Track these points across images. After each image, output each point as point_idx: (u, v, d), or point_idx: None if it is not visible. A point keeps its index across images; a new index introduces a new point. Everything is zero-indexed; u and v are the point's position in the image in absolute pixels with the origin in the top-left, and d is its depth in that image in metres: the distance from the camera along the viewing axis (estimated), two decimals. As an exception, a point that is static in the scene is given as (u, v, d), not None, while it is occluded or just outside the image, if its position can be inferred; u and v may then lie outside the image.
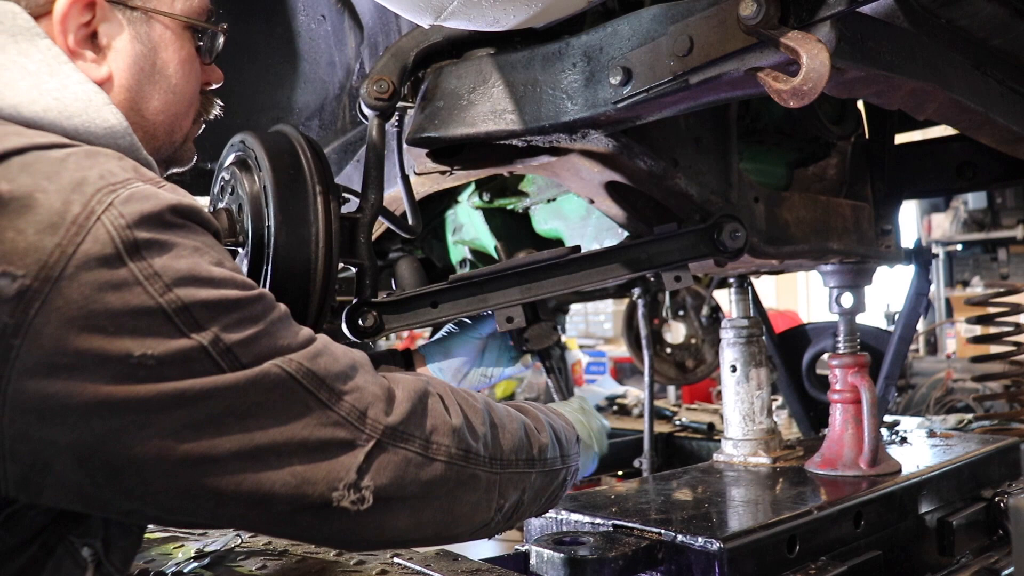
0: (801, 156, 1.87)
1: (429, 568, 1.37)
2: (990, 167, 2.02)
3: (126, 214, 0.75)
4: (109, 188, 0.76)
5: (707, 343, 3.54)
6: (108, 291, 0.72)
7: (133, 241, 0.74)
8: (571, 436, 1.17)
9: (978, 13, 1.29)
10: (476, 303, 1.34)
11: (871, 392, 1.72)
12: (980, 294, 3.16)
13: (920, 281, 2.25)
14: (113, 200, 0.75)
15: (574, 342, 7.18)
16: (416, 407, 0.90)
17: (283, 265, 1.12)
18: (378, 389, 0.88)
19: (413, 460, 0.88)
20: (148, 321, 0.74)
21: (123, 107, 0.97)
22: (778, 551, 1.37)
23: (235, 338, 0.78)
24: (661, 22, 1.14)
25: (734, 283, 2.03)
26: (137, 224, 0.75)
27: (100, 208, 0.74)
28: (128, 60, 0.99)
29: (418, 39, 1.36)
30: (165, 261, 0.76)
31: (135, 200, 0.76)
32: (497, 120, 1.31)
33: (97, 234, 0.73)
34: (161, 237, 0.76)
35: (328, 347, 0.87)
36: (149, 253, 0.75)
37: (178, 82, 1.04)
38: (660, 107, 1.22)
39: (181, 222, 0.80)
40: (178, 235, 0.78)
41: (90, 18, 0.95)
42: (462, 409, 0.97)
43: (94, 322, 0.71)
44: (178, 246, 0.77)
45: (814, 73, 0.94)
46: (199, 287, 0.77)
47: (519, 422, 1.06)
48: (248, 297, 0.81)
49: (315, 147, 1.22)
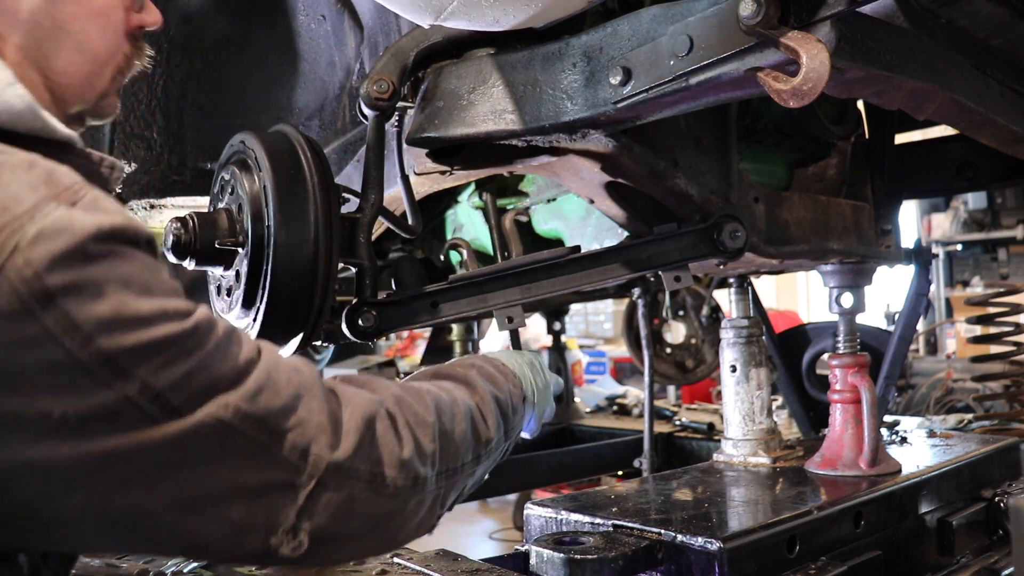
0: (801, 156, 1.87)
1: (429, 568, 1.37)
2: (990, 167, 2.02)
3: (34, 260, 0.64)
4: (12, 227, 0.65)
5: (707, 343, 3.54)
6: (19, 349, 0.64)
7: (44, 292, 0.64)
8: (517, 403, 1.14)
9: (978, 13, 1.29)
10: (476, 303, 1.34)
11: (871, 392, 1.72)
12: (980, 294, 3.16)
13: (920, 281, 2.25)
14: (18, 243, 0.64)
15: (574, 342, 7.18)
16: (364, 437, 0.83)
17: (283, 265, 1.13)
18: (323, 418, 0.80)
19: (358, 497, 0.82)
20: (67, 376, 0.65)
21: (20, 69, 0.85)
22: (778, 551, 1.37)
23: (166, 381, 0.69)
24: (661, 22, 1.14)
25: (734, 283, 2.03)
26: (49, 269, 0.64)
27: (2, 256, 0.64)
28: (19, 16, 0.87)
29: (418, 39, 1.36)
30: (84, 308, 0.66)
31: (45, 238, 0.65)
32: (497, 120, 1.31)
33: (2, 290, 0.63)
34: (79, 279, 0.66)
35: (271, 376, 0.78)
36: (65, 300, 0.65)
37: (87, 39, 0.91)
38: (660, 107, 1.23)
39: (105, 250, 0.68)
40: (101, 268, 0.67)
41: None
42: (412, 431, 0.90)
43: (7, 382, 0.64)
44: (100, 284, 0.67)
45: (814, 73, 0.94)
46: (125, 331, 0.67)
47: (467, 418, 1.01)
48: (181, 332, 0.71)
49: (315, 147, 1.22)
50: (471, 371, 1.10)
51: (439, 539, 1.04)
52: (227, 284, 1.23)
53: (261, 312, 1.15)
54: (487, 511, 5.26)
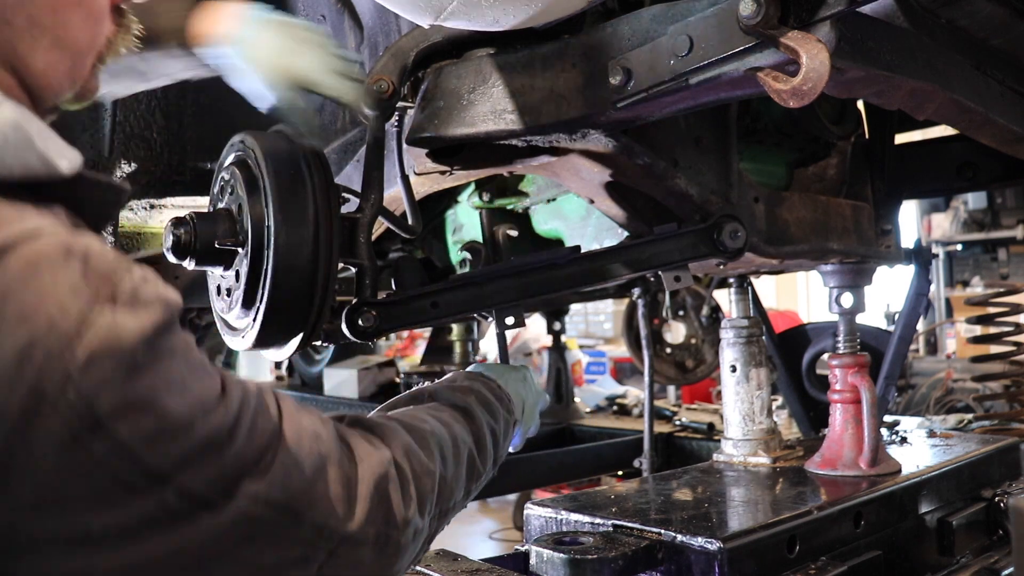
0: (801, 156, 1.87)
1: (429, 568, 1.37)
2: (990, 167, 2.02)
3: (85, 390, 0.61)
4: (61, 351, 0.60)
5: (707, 343, 3.54)
6: (63, 473, 0.62)
7: (94, 420, 0.62)
8: (508, 429, 1.17)
9: (978, 13, 1.29)
10: (476, 303, 1.34)
11: (871, 392, 1.72)
12: (980, 294, 3.16)
13: (920, 281, 2.25)
14: (69, 372, 0.60)
15: (574, 342, 7.18)
16: (375, 502, 0.84)
17: (283, 265, 1.12)
18: (339, 488, 0.81)
19: (364, 559, 0.83)
20: (109, 492, 0.64)
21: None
22: (778, 551, 1.37)
23: (202, 480, 0.68)
24: (661, 22, 1.14)
25: (734, 283, 2.03)
26: (99, 396, 0.62)
27: (52, 388, 0.60)
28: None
29: (418, 39, 1.36)
30: (131, 427, 0.63)
31: (95, 363, 0.61)
32: (497, 120, 1.31)
33: (49, 424, 0.60)
34: (127, 399, 0.63)
35: (295, 452, 0.77)
36: (113, 424, 0.63)
37: (67, 31, 0.80)
38: (660, 107, 1.23)
39: (150, 357, 0.65)
40: (146, 380, 0.65)
41: None
42: (418, 485, 0.91)
43: (49, 503, 0.62)
44: (145, 399, 0.65)
45: (814, 73, 0.94)
46: (167, 443, 0.66)
47: (465, 459, 1.04)
48: (218, 428, 0.70)
49: (315, 147, 1.21)
50: (471, 397, 1.12)
51: (439, 539, 1.05)
52: (227, 284, 1.23)
53: (261, 312, 1.15)
54: (487, 511, 5.26)
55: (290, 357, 1.36)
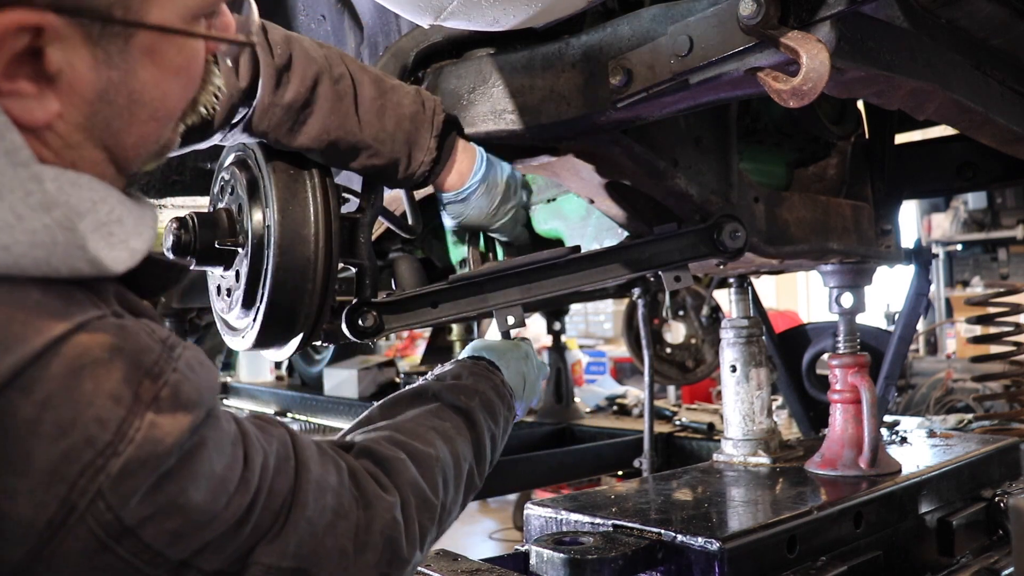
0: (801, 156, 1.87)
1: (429, 568, 1.37)
2: (990, 167, 2.02)
3: (115, 504, 0.61)
4: (96, 465, 0.60)
5: (707, 343, 3.54)
6: (85, 574, 0.62)
7: (122, 529, 0.62)
8: (507, 427, 1.18)
9: (978, 13, 1.29)
10: (476, 303, 1.34)
11: (871, 392, 1.72)
12: (980, 294, 3.16)
13: (920, 281, 2.25)
14: (100, 487, 0.61)
15: (574, 342, 7.18)
16: (381, 547, 0.85)
17: (283, 265, 1.12)
18: (349, 543, 0.82)
19: None
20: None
21: (75, 151, 0.70)
22: (778, 551, 1.37)
23: (221, 561, 0.70)
24: (661, 22, 1.14)
25: (734, 283, 2.03)
26: (129, 506, 0.62)
27: (83, 502, 0.60)
28: (89, 93, 0.68)
29: (418, 39, 1.36)
30: (158, 530, 0.64)
31: (129, 475, 0.62)
32: (497, 120, 1.31)
33: (76, 534, 0.60)
34: (156, 506, 0.64)
35: (312, 506, 0.78)
36: (141, 530, 0.63)
37: (165, 103, 0.75)
38: (660, 107, 1.23)
39: (182, 460, 0.66)
40: (176, 484, 0.65)
41: (30, 40, 0.64)
42: (419, 525, 0.93)
43: None
44: (174, 502, 0.65)
45: (814, 73, 0.94)
46: (192, 537, 0.67)
47: (465, 477, 1.05)
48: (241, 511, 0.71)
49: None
50: (474, 401, 1.12)
51: (439, 539, 1.05)
52: (227, 284, 1.23)
53: (261, 312, 1.15)
54: (487, 511, 5.26)
55: (290, 357, 1.36)
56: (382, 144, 1.19)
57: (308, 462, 0.81)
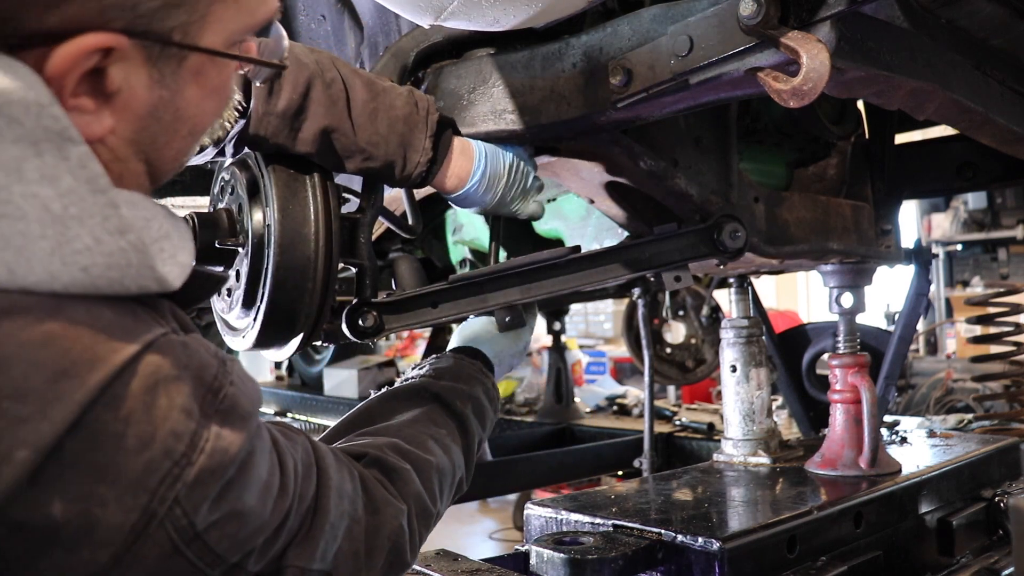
0: (801, 156, 1.87)
1: (429, 568, 1.37)
2: (990, 167, 2.02)
3: (190, 510, 0.67)
4: (173, 474, 0.66)
5: (707, 343, 3.54)
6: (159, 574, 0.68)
7: (193, 533, 0.67)
8: (490, 427, 1.23)
9: (978, 13, 1.29)
10: (476, 303, 1.34)
11: (871, 392, 1.72)
12: (980, 294, 3.16)
13: (920, 281, 2.25)
14: (177, 495, 0.66)
15: (574, 342, 7.18)
16: (388, 552, 0.91)
17: (283, 265, 1.12)
18: (360, 546, 0.87)
19: None
20: None
21: (121, 164, 0.74)
22: (778, 551, 1.37)
23: (262, 562, 0.76)
24: (661, 22, 1.14)
25: (734, 283, 2.03)
26: (200, 513, 0.67)
27: (162, 509, 0.65)
28: (141, 110, 0.72)
29: (418, 39, 1.36)
30: (221, 534, 0.70)
31: (201, 484, 0.67)
32: (497, 120, 1.31)
33: (155, 539, 0.65)
34: (222, 512, 0.69)
35: (333, 511, 0.84)
36: (208, 535, 0.69)
37: (202, 120, 0.79)
38: (660, 107, 1.23)
39: (242, 468, 0.71)
40: (236, 490, 0.71)
41: (98, 60, 0.67)
42: (420, 534, 0.99)
43: None
44: (235, 508, 0.71)
45: (814, 73, 0.94)
46: (246, 541, 0.73)
47: (456, 485, 1.11)
48: (280, 514, 0.77)
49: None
50: (468, 407, 1.17)
51: (439, 539, 1.06)
52: (227, 284, 1.23)
53: (261, 312, 1.15)
54: (487, 511, 5.26)
55: (290, 357, 1.36)
56: (376, 147, 1.20)
57: (328, 469, 0.86)
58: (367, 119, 1.18)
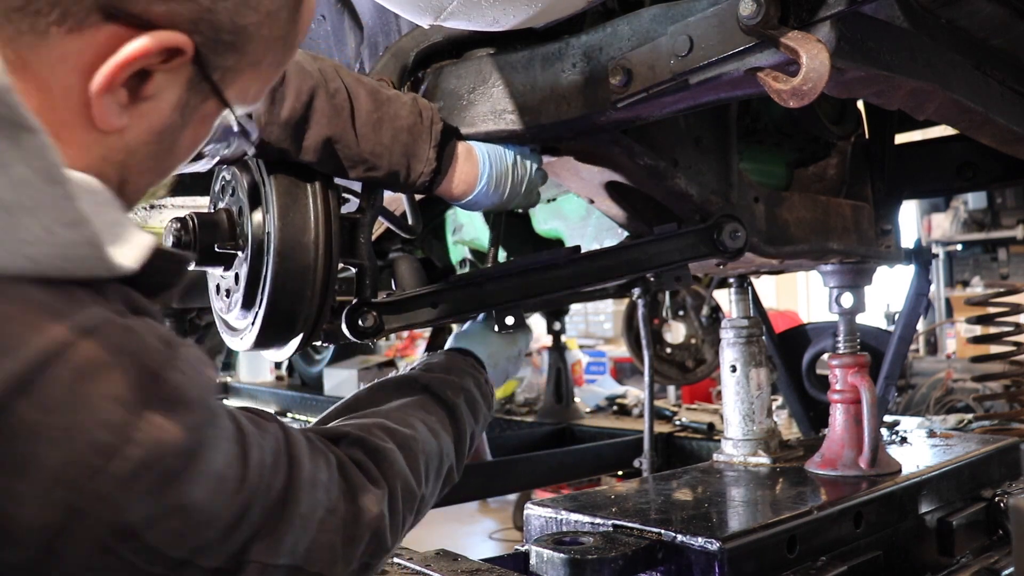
0: (801, 156, 1.87)
1: (429, 568, 1.37)
2: (990, 167, 2.02)
3: (121, 506, 0.63)
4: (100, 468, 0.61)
5: (707, 343, 3.54)
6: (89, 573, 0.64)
7: (125, 530, 0.64)
8: (485, 424, 1.22)
9: (978, 13, 1.29)
10: (476, 303, 1.34)
11: (871, 392, 1.72)
12: (980, 294, 3.16)
13: (920, 281, 2.25)
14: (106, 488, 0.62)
15: (574, 342, 7.18)
16: (369, 539, 0.87)
17: (283, 266, 1.12)
18: (338, 538, 0.83)
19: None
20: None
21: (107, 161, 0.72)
22: (778, 551, 1.37)
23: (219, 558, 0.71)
24: (661, 22, 1.14)
25: (734, 283, 2.03)
26: (133, 509, 0.63)
27: (87, 505, 0.62)
28: (156, 125, 0.73)
29: (418, 39, 1.36)
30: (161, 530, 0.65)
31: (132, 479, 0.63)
32: (497, 120, 1.31)
33: (81, 538, 0.62)
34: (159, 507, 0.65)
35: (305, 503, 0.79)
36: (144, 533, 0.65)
37: (186, 149, 0.80)
38: (660, 107, 1.23)
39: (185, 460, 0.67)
40: (179, 483, 0.66)
41: (159, 61, 0.68)
42: (404, 515, 0.95)
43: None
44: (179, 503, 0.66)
45: (814, 73, 0.94)
46: (192, 537, 0.68)
47: (446, 473, 1.09)
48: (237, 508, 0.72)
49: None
50: (460, 398, 1.15)
51: (439, 539, 1.06)
52: (226, 285, 1.23)
53: (261, 313, 1.15)
54: (487, 511, 5.25)
55: (290, 357, 1.37)
56: (379, 158, 1.20)
57: (301, 458, 0.80)
58: (371, 129, 1.18)
